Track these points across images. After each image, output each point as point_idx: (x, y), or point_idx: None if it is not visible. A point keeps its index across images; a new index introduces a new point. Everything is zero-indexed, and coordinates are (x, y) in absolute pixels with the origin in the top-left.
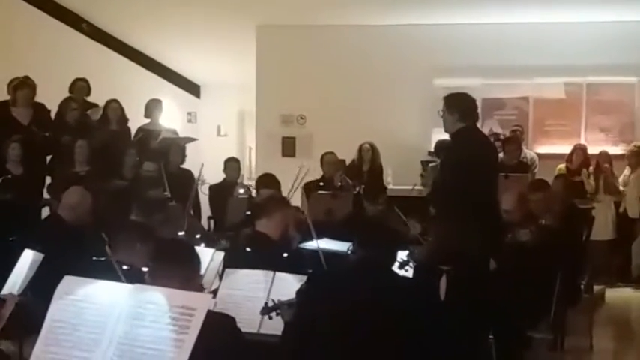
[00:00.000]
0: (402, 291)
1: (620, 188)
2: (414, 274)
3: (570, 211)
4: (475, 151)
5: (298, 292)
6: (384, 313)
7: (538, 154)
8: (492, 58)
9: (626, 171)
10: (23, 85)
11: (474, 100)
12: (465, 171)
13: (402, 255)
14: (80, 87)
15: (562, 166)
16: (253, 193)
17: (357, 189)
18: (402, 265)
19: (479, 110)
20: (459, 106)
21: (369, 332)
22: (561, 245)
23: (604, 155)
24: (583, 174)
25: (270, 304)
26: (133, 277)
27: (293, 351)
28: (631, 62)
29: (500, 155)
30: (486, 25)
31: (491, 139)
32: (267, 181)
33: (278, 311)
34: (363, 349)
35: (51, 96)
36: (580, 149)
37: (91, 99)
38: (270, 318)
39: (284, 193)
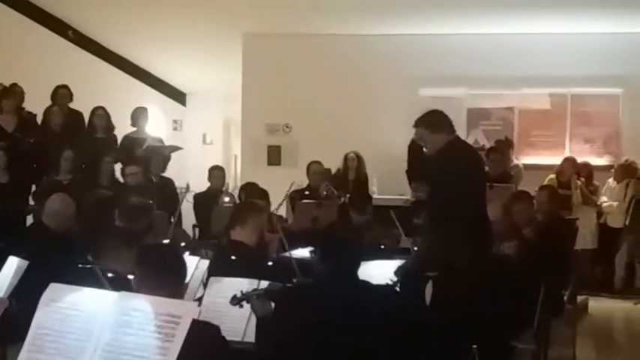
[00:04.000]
0: (374, 298)
1: (603, 199)
2: (401, 281)
3: (554, 222)
4: (468, 163)
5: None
6: (354, 322)
7: (523, 165)
8: (478, 69)
9: (611, 183)
10: (8, 93)
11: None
12: (458, 183)
13: (388, 268)
14: (62, 94)
15: (552, 176)
16: (238, 201)
17: (343, 199)
18: (393, 286)
19: (464, 120)
20: (442, 122)
21: (344, 342)
22: (545, 256)
23: (585, 166)
24: (572, 186)
25: (239, 295)
26: (119, 284)
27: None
28: (616, 73)
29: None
30: (472, 35)
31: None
32: (254, 190)
33: (248, 301)
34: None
35: (36, 103)
36: (570, 161)
37: (77, 106)
38: (241, 307)
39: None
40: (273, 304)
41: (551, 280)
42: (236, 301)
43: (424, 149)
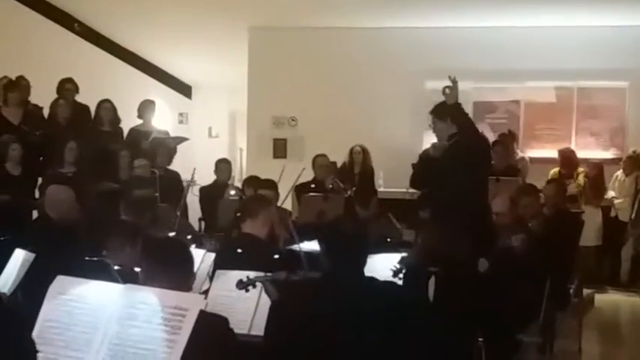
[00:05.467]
0: (378, 293)
1: (611, 193)
2: (404, 275)
3: (562, 216)
4: (475, 153)
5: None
6: (362, 318)
7: (529, 158)
8: (484, 62)
9: (620, 175)
10: (14, 86)
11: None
12: (467, 173)
13: (394, 262)
14: (68, 88)
15: (555, 170)
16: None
17: (349, 192)
18: (396, 274)
19: (470, 114)
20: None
21: (350, 337)
22: (551, 250)
23: (596, 165)
24: (573, 185)
25: (245, 280)
26: (125, 277)
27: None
28: (622, 67)
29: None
30: (478, 28)
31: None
32: (259, 183)
33: (254, 286)
34: (346, 353)
35: (42, 96)
36: (564, 153)
37: (82, 99)
38: (247, 291)
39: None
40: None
41: (557, 273)
42: (242, 285)
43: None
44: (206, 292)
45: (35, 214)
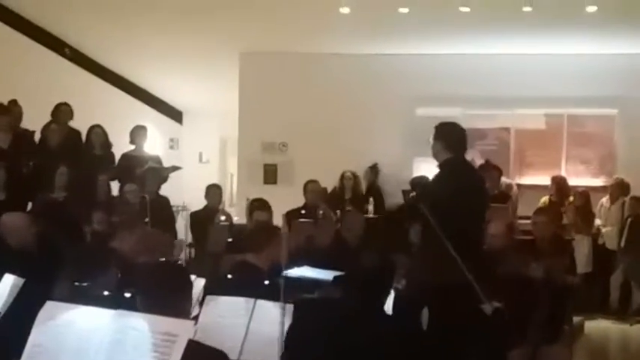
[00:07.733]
0: (384, 323)
1: (597, 222)
2: (394, 304)
3: (555, 244)
4: (462, 184)
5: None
6: (366, 345)
7: (519, 185)
8: (474, 89)
9: (605, 202)
10: (4, 110)
11: (462, 131)
12: (449, 204)
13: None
14: (63, 111)
15: (545, 198)
16: (235, 219)
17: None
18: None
19: None
20: (446, 136)
21: None
22: (549, 279)
23: (582, 194)
24: (566, 214)
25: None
26: (113, 303)
27: None
28: (611, 94)
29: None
30: (469, 55)
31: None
32: (261, 205)
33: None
34: None
35: (33, 120)
36: (558, 181)
37: (73, 124)
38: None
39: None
40: None
41: (554, 304)
42: None
43: None
44: (196, 318)
45: None
